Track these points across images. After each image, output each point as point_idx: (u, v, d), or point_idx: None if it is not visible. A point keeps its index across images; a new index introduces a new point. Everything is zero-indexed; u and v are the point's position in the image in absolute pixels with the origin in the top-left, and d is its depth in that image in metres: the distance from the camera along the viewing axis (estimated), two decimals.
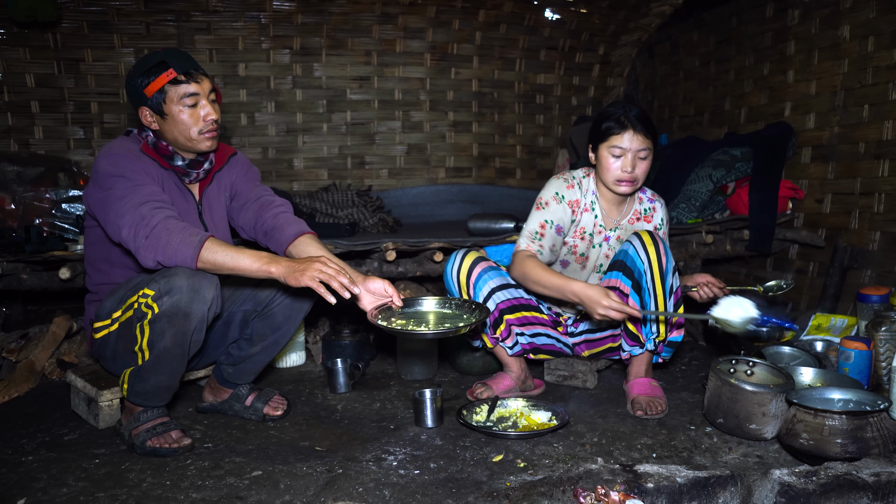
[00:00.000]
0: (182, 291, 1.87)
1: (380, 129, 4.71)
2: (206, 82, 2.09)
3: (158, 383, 2.03)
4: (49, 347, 2.81)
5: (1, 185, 3.10)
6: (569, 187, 2.42)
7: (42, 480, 1.87)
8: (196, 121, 2.07)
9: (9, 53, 3.86)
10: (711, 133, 4.31)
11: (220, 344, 2.33)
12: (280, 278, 1.85)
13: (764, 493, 1.55)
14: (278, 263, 1.86)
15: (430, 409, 2.23)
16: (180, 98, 2.03)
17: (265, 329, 2.25)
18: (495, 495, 1.48)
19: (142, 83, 2.02)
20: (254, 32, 4.27)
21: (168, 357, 1.96)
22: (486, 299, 2.41)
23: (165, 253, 1.87)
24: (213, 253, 1.88)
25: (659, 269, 2.22)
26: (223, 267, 1.88)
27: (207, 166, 2.21)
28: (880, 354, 2.43)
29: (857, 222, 3.35)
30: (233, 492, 1.79)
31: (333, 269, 1.84)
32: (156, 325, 1.91)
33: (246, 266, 1.87)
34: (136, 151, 2.07)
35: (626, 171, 2.29)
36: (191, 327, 1.92)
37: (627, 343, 2.39)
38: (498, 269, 2.47)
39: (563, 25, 4.74)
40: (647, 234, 2.28)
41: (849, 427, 1.78)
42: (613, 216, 2.48)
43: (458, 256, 2.47)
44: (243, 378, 2.36)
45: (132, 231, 1.90)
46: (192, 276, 1.89)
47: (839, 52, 3.42)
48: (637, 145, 2.28)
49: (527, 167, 5.06)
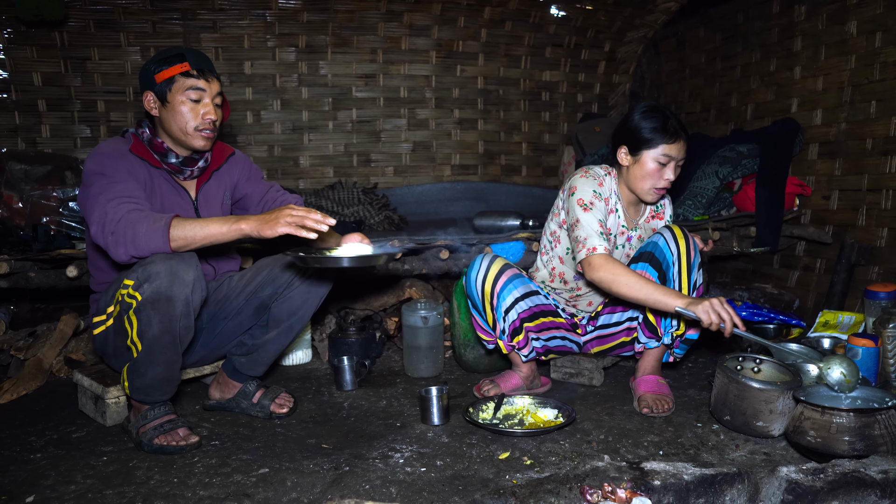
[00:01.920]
0: (160, 276, 1.87)
1: (385, 126, 4.71)
2: (215, 84, 2.13)
3: (156, 376, 2.03)
4: (57, 345, 2.83)
5: (8, 183, 3.11)
6: (600, 185, 2.36)
7: (50, 478, 1.87)
8: (195, 116, 2.09)
9: (16, 52, 3.88)
10: (718, 130, 4.30)
11: (234, 333, 2.34)
12: (253, 232, 1.87)
13: (771, 491, 1.54)
14: (248, 220, 1.89)
15: (436, 406, 2.23)
16: (185, 90, 2.07)
17: (282, 313, 2.26)
18: (502, 493, 1.47)
19: (155, 69, 2.07)
20: (259, 30, 4.28)
21: (159, 346, 1.96)
22: (510, 309, 2.39)
23: (136, 244, 1.87)
24: (182, 229, 1.88)
25: (687, 262, 2.24)
26: (195, 238, 1.89)
27: (202, 164, 2.22)
28: (888, 351, 2.42)
29: (865, 219, 3.33)
30: (240, 489, 1.79)
31: (303, 210, 1.86)
32: (141, 315, 1.91)
33: (216, 230, 1.89)
34: (123, 151, 2.09)
35: (669, 179, 2.29)
36: (176, 311, 1.92)
37: (645, 334, 2.38)
38: (522, 276, 2.44)
39: (568, 22, 4.74)
40: (678, 227, 2.30)
41: (856, 424, 1.78)
42: (633, 216, 2.48)
43: (483, 262, 2.41)
44: (255, 369, 2.36)
45: (99, 228, 1.91)
46: (168, 259, 1.89)
47: (846, 47, 3.40)
48: (682, 155, 2.30)
49: (532, 164, 5.05)
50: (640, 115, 2.30)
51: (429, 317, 2.79)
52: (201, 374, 2.53)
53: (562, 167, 4.86)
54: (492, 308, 2.39)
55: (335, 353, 2.89)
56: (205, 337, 2.35)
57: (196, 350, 2.35)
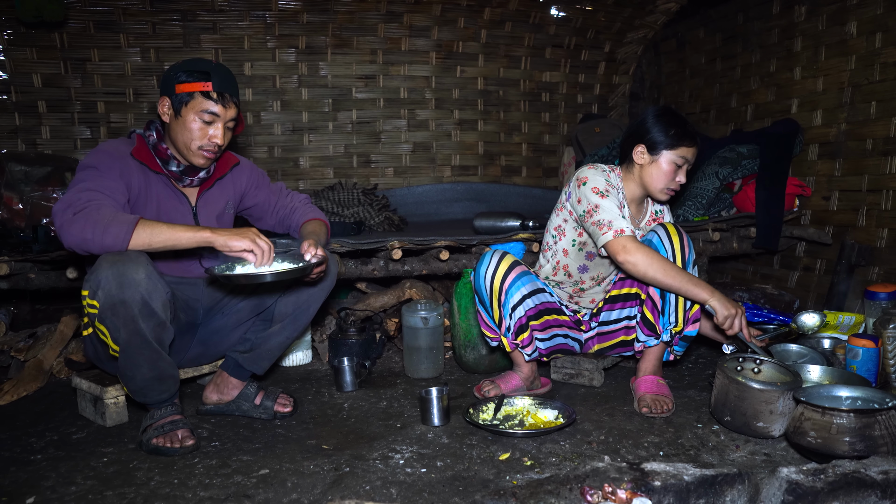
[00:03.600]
0: (109, 281, 1.84)
1: (385, 127, 4.71)
2: (232, 110, 2.13)
3: (144, 376, 2.01)
4: (57, 346, 2.83)
5: (8, 184, 3.11)
6: (607, 177, 2.39)
7: (51, 479, 1.87)
8: (202, 137, 2.09)
9: (16, 53, 3.88)
10: (718, 130, 4.30)
11: (232, 329, 2.34)
12: (217, 243, 1.90)
13: (771, 492, 1.54)
14: (217, 232, 1.91)
15: (436, 407, 2.23)
16: (200, 110, 2.07)
17: (287, 306, 2.27)
18: (502, 493, 1.47)
19: (179, 78, 2.06)
20: (259, 31, 4.28)
21: (134, 349, 1.94)
22: (517, 306, 2.40)
23: (96, 228, 1.83)
24: (149, 226, 1.88)
25: (682, 258, 2.26)
26: (158, 237, 1.88)
27: (203, 175, 2.22)
28: (888, 352, 2.42)
29: (865, 219, 3.33)
30: (240, 490, 1.79)
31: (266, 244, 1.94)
32: (106, 322, 1.90)
33: (182, 234, 1.89)
34: (123, 153, 2.09)
35: (680, 182, 2.37)
36: (133, 313, 1.88)
37: (644, 333, 2.38)
38: (530, 273, 2.46)
39: (568, 23, 4.74)
40: (671, 225, 2.33)
41: (857, 425, 1.78)
42: (636, 215, 2.50)
43: (492, 259, 2.42)
44: (258, 365, 2.33)
45: (63, 205, 1.87)
46: (114, 263, 1.85)
47: (846, 48, 3.40)
48: (694, 159, 2.37)
49: (532, 165, 5.05)
50: (661, 117, 2.35)
51: (429, 318, 2.79)
52: (199, 374, 2.52)
53: (562, 168, 4.86)
54: (499, 304, 2.40)
55: (335, 354, 2.89)
56: (201, 333, 2.34)
57: (192, 346, 2.34)
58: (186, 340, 2.31)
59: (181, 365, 2.37)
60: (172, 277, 2.22)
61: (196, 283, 2.30)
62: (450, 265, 3.13)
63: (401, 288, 3.23)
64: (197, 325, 2.33)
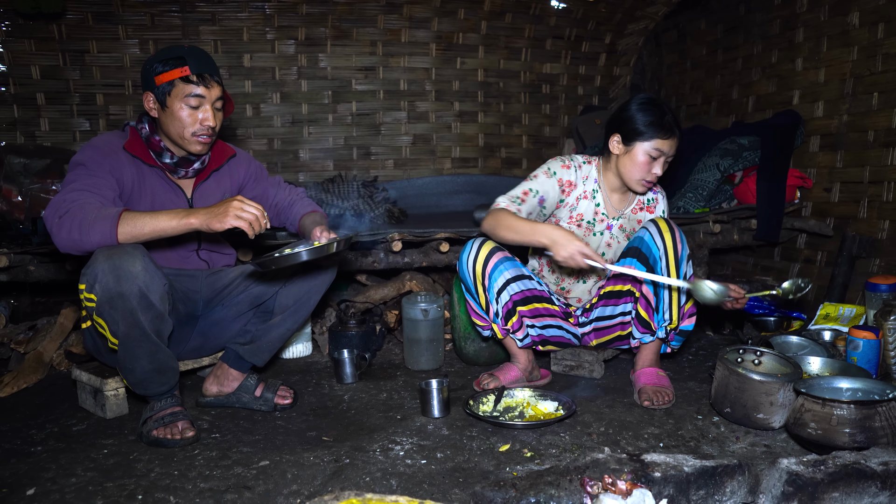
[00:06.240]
0: (106, 274, 1.84)
1: (385, 119, 4.70)
2: (216, 89, 2.10)
3: (143, 369, 2.01)
4: (57, 339, 2.83)
5: (7, 177, 3.11)
6: (564, 167, 2.42)
7: (51, 471, 1.88)
8: (193, 122, 2.08)
9: (14, 45, 3.86)
10: (719, 122, 4.29)
11: (232, 321, 2.34)
12: (202, 226, 1.88)
13: (771, 482, 1.54)
14: (196, 213, 1.89)
15: (436, 399, 2.23)
16: (184, 96, 2.05)
17: (288, 298, 2.27)
18: (502, 485, 1.47)
19: (155, 70, 2.04)
20: (259, 23, 4.26)
21: (133, 341, 1.94)
22: (501, 290, 2.39)
23: (81, 229, 1.84)
24: (132, 217, 1.87)
25: (674, 255, 2.24)
26: (144, 229, 1.87)
27: (198, 166, 2.21)
28: (889, 343, 2.42)
29: (866, 211, 3.33)
30: (240, 481, 1.79)
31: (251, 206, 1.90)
32: (104, 315, 1.91)
33: (166, 223, 1.88)
34: (115, 147, 2.08)
35: (656, 174, 2.33)
36: (131, 305, 1.88)
37: (638, 330, 2.38)
38: (513, 259, 2.45)
39: (569, 14, 4.72)
40: (663, 220, 2.30)
41: (857, 416, 1.78)
42: (617, 206, 2.48)
43: (474, 245, 2.42)
44: (259, 356, 2.34)
45: (52, 210, 1.89)
46: (110, 256, 1.85)
47: (848, 39, 3.39)
48: (672, 152, 2.32)
49: (533, 157, 5.04)
50: (637, 107, 2.30)
51: (429, 309, 2.79)
52: (199, 366, 2.52)
53: None
54: (484, 289, 2.39)
55: (335, 346, 2.89)
56: (201, 325, 2.34)
57: (193, 338, 2.34)
58: (186, 332, 2.31)
59: (181, 357, 2.37)
60: (171, 269, 2.22)
61: (195, 275, 2.29)
62: (450, 257, 3.13)
63: (401, 280, 3.23)
64: (197, 316, 2.33)
